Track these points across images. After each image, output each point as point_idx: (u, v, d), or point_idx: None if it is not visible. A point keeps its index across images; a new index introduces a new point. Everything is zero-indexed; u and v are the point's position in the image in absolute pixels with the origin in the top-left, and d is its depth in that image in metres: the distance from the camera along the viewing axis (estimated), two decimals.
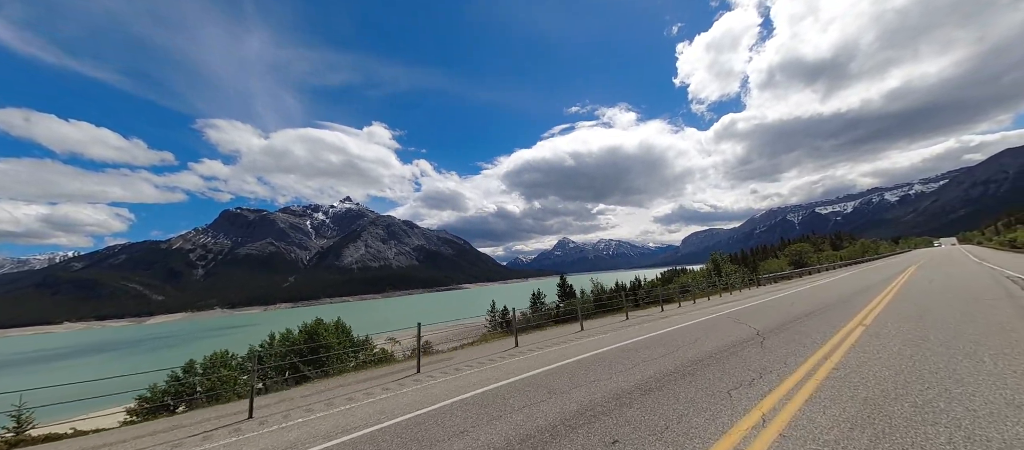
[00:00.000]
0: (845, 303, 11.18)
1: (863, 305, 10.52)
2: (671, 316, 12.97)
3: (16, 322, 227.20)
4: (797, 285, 21.48)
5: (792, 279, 28.05)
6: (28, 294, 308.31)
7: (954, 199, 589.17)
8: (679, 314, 13.37)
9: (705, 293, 21.14)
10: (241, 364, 9.95)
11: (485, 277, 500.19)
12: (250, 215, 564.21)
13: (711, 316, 11.18)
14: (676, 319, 11.83)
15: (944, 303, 9.87)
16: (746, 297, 17.64)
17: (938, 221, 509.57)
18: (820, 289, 16.93)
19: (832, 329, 7.69)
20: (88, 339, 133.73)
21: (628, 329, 10.77)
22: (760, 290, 21.41)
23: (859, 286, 16.29)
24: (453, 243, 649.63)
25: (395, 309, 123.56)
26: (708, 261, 27.70)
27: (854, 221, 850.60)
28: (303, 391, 8.15)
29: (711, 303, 16.28)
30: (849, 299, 11.94)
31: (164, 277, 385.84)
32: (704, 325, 9.82)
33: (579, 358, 7.37)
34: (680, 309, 15.90)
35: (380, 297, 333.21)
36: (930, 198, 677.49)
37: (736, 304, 14.28)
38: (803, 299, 13.23)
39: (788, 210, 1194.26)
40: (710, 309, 13.67)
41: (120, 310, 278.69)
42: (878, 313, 9.14)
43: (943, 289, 12.66)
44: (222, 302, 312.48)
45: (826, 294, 14.12)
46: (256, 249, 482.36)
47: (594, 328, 12.05)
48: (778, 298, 14.54)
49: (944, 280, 15.56)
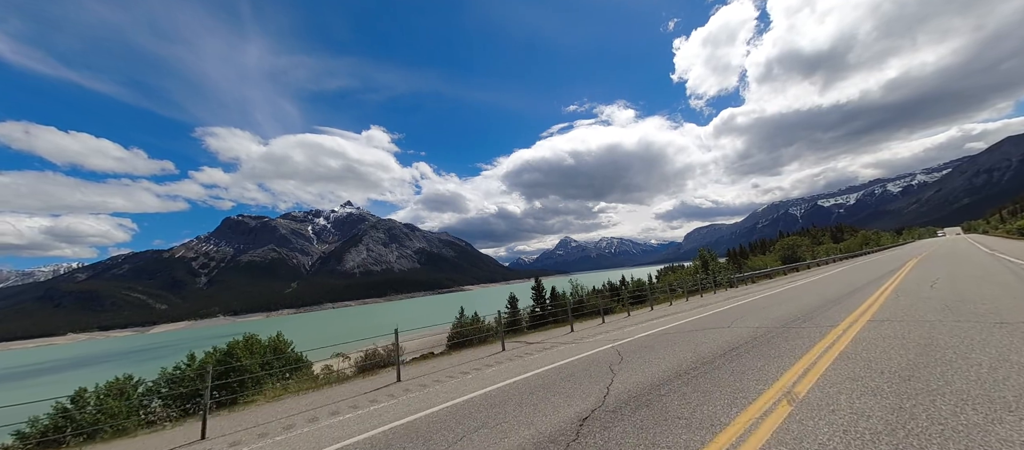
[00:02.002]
0: (803, 324, 7.98)
1: (822, 334, 6.85)
2: (585, 338, 10.29)
3: (19, 335, 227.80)
4: (771, 287, 18.89)
5: (774, 278, 25.66)
6: (31, 307, 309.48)
7: (957, 188, 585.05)
8: (597, 334, 10.78)
9: (667, 297, 19.06)
10: (152, 389, 8.96)
11: (487, 278, 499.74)
12: (251, 222, 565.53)
13: (604, 348, 8.22)
14: (572, 348, 8.92)
15: (953, 326, 6.36)
16: (703, 304, 15.07)
17: (942, 211, 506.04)
18: (791, 294, 14.08)
19: (735, 404, 4.04)
20: (84, 351, 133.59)
21: (518, 361, 8.38)
22: (728, 294, 18.89)
23: (841, 290, 13.42)
24: (454, 245, 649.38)
25: (387, 314, 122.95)
26: (696, 258, 26.71)
27: (857, 213, 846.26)
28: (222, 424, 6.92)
29: (655, 315, 13.74)
30: (812, 315, 8.84)
31: (167, 286, 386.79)
32: (573, 367, 6.94)
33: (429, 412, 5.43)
34: (626, 319, 13.84)
35: (382, 301, 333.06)
36: (933, 188, 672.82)
37: (670, 319, 11.70)
38: (755, 314, 10.23)
39: (790, 203, 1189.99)
40: (639, 325, 11.35)
41: (123, 320, 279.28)
42: (837, 355, 5.43)
43: (950, 296, 9.35)
44: (225, 310, 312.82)
45: (791, 305, 11.13)
46: (258, 256, 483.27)
47: (517, 351, 10.28)
48: (726, 310, 11.92)
49: (949, 282, 12.02)
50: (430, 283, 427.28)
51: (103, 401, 7.74)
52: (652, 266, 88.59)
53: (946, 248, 35.63)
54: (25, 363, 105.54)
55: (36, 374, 67.33)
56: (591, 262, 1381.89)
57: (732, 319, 9.82)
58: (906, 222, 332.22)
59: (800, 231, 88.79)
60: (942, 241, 63.18)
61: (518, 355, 9.12)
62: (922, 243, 66.43)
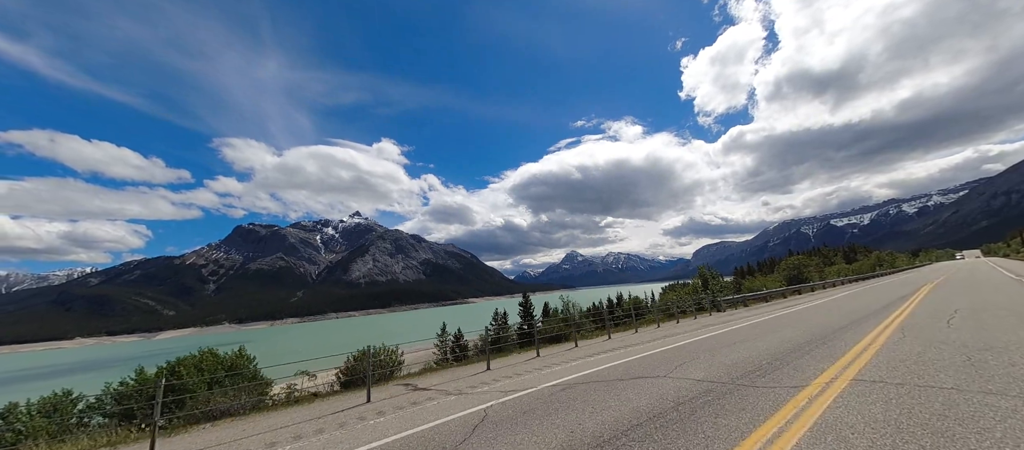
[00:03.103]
0: (760, 377, 6.01)
1: (778, 406, 4.71)
2: (514, 376, 8.70)
3: (29, 338, 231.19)
4: (761, 312, 17.08)
5: (771, 301, 23.54)
6: (43, 310, 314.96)
7: (975, 210, 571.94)
8: (542, 368, 9.27)
9: (640, 322, 16.98)
10: (94, 406, 8.45)
11: (492, 291, 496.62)
12: (262, 230, 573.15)
13: (478, 408, 6.21)
14: (458, 401, 6.90)
15: (981, 401, 4.27)
16: (672, 333, 13.18)
17: (959, 233, 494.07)
18: (775, 324, 12.04)
19: None
20: (88, 356, 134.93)
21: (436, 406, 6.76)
22: (710, 319, 16.71)
23: (837, 320, 11.53)
24: (460, 257, 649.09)
25: (385, 325, 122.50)
26: (696, 276, 26.25)
27: (871, 233, 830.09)
28: None
29: (611, 345, 11.90)
30: (781, 363, 6.79)
31: (176, 292, 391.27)
32: None
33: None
34: (586, 347, 12.28)
35: (386, 312, 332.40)
36: (949, 209, 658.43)
37: (617, 354, 9.99)
38: (712, 355, 8.17)
39: (802, 222, 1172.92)
40: (582, 360, 9.68)
41: (131, 326, 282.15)
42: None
43: (973, 340, 7.18)
44: (231, 317, 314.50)
45: (765, 342, 9.14)
46: (267, 264, 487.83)
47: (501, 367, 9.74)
48: (682, 346, 9.98)
49: (971, 317, 9.86)
50: (435, 295, 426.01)
51: (32, 419, 7.24)
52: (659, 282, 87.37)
53: (965, 272, 34.00)
54: (27, 367, 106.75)
55: (31, 379, 67.91)
56: (597, 277, 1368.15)
57: (678, 362, 7.74)
58: (922, 244, 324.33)
59: (811, 250, 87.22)
60: (960, 264, 61.23)
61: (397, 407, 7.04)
62: (939, 266, 64.35)
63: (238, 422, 7.49)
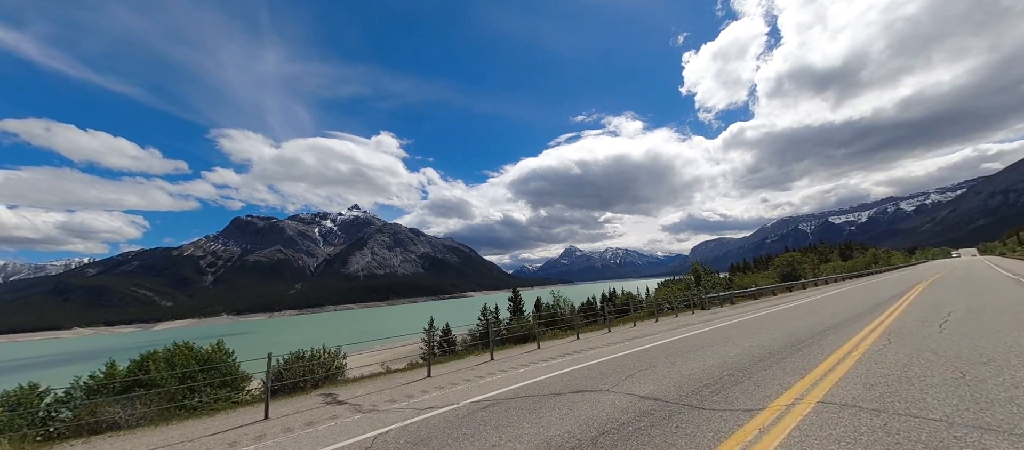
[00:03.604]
0: (714, 397, 5.07)
1: (729, 432, 3.91)
2: (450, 385, 7.69)
3: (27, 327, 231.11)
4: (746, 311, 16.08)
5: (759, 299, 22.43)
6: (41, 300, 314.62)
7: (972, 209, 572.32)
8: (494, 373, 8.48)
9: (617, 321, 15.98)
10: (63, 400, 7.95)
11: (490, 285, 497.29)
12: (260, 223, 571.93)
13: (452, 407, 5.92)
14: (359, 422, 5.91)
15: (978, 442, 3.32)
16: (646, 333, 12.22)
17: (956, 231, 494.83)
18: (755, 326, 11.14)
19: None
20: (86, 346, 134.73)
21: None
22: (691, 318, 15.64)
23: (821, 322, 10.62)
24: (459, 251, 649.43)
25: (382, 318, 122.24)
26: (688, 272, 25.52)
27: (869, 231, 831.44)
28: None
29: (587, 345, 10.89)
30: (744, 375, 5.90)
31: (174, 283, 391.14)
32: None
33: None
34: (535, 352, 10.94)
35: (384, 305, 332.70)
36: (947, 208, 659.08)
37: (578, 357, 9.05)
38: (672, 363, 7.24)
39: (800, 219, 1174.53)
40: (535, 366, 8.65)
41: (129, 316, 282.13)
42: None
43: (967, 350, 6.25)
44: (229, 309, 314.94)
45: (737, 346, 8.22)
46: (265, 256, 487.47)
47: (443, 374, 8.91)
48: (642, 350, 8.99)
49: (967, 320, 8.99)
50: (433, 288, 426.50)
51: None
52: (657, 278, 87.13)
53: (961, 271, 33.34)
54: (26, 356, 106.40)
55: (27, 368, 67.46)
56: (595, 272, 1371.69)
57: (631, 371, 6.83)
58: (919, 242, 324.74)
59: (807, 247, 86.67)
60: (956, 262, 60.74)
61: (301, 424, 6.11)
62: (935, 264, 63.98)
63: (111, 439, 6.39)
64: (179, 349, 9.65)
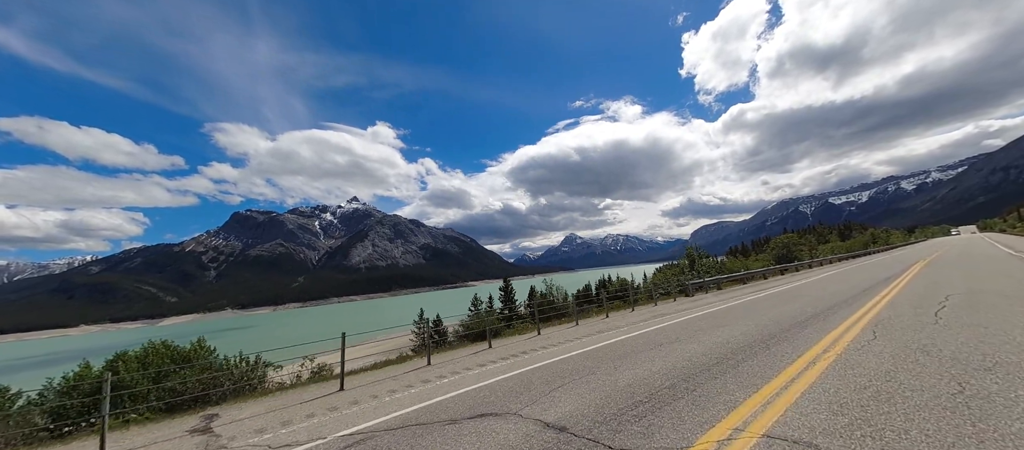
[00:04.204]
0: (657, 414, 4.16)
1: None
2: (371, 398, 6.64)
3: (34, 326, 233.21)
4: (728, 298, 15.02)
5: (748, 283, 21.26)
6: (46, 298, 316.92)
7: (973, 186, 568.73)
8: (468, 368, 7.99)
9: (587, 313, 15.25)
10: (35, 402, 7.70)
11: (491, 275, 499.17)
12: (259, 217, 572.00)
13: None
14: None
15: None
16: (620, 325, 11.15)
17: (957, 209, 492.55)
18: (729, 316, 10.12)
19: None
20: (93, 343, 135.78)
21: None
22: (668, 307, 14.40)
23: (802, 309, 9.61)
24: (459, 241, 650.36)
25: (386, 310, 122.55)
26: (683, 257, 24.76)
27: (869, 211, 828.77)
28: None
29: (546, 342, 9.90)
30: (686, 388, 4.82)
31: (177, 279, 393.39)
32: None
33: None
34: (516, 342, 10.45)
35: (387, 296, 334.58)
36: (948, 185, 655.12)
37: (519, 360, 8.00)
38: (610, 368, 6.19)
39: (800, 201, 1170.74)
40: (487, 367, 7.87)
41: (134, 312, 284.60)
42: None
43: (968, 346, 5.19)
44: (233, 303, 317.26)
45: (701, 342, 7.21)
46: (266, 250, 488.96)
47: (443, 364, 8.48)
48: (589, 351, 7.91)
49: (967, 304, 8.05)
50: (435, 279, 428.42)
51: None
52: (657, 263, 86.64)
53: (960, 248, 32.17)
54: (34, 354, 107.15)
55: (40, 366, 67.58)
56: (596, 259, 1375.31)
57: (558, 383, 5.69)
58: (920, 220, 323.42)
59: (806, 229, 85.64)
60: (956, 240, 59.74)
61: None
62: (934, 242, 63.04)
63: None
64: (153, 348, 9.22)
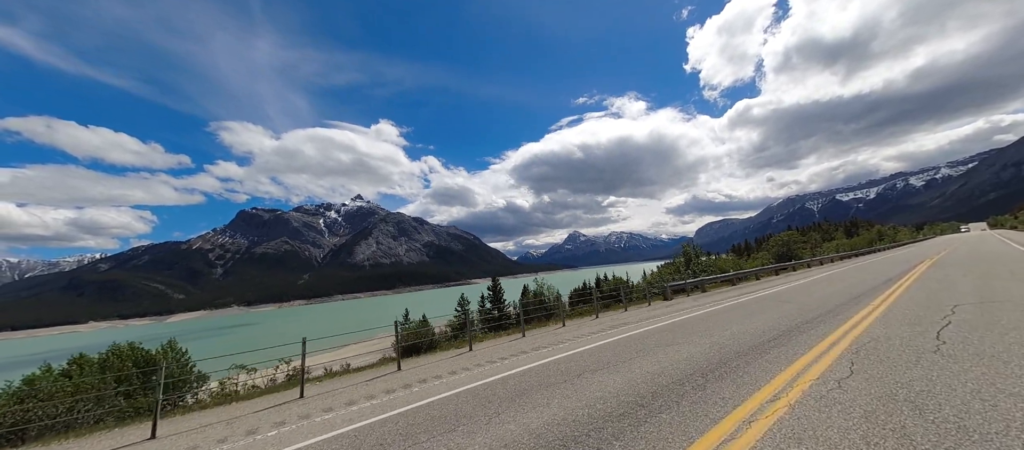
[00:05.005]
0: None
1: None
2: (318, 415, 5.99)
3: (44, 323, 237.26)
4: (707, 302, 13.76)
5: (737, 284, 19.68)
6: (56, 295, 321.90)
7: (984, 182, 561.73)
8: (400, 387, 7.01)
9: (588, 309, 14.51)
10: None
11: (495, 272, 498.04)
12: (265, 215, 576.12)
13: None
14: None
15: None
16: (575, 336, 9.77)
17: (967, 205, 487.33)
18: (694, 326, 8.86)
19: None
20: (102, 339, 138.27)
21: None
22: (643, 312, 13.29)
23: (780, 320, 8.32)
24: (463, 239, 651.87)
25: (389, 307, 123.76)
26: (680, 255, 25.57)
27: (877, 207, 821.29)
28: None
29: (481, 359, 8.55)
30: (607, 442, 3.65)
31: (185, 277, 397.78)
32: None
33: None
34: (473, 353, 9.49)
35: (391, 293, 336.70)
36: (958, 182, 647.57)
37: (460, 378, 7.06)
38: (547, 393, 5.40)
39: (807, 198, 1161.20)
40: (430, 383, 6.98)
41: (142, 309, 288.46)
42: None
43: (980, 383, 3.90)
44: (239, 300, 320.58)
45: (646, 366, 5.99)
46: (272, 248, 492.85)
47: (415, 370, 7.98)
48: (545, 364, 7.10)
49: (980, 316, 6.79)
50: (438, 276, 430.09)
51: None
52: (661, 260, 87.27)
53: (970, 246, 30.62)
54: (46, 350, 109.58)
55: (33, 363, 69.58)
56: (599, 257, 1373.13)
57: (450, 424, 4.66)
58: (929, 217, 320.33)
59: (810, 226, 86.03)
60: (966, 237, 58.98)
61: None
62: (943, 240, 61.08)
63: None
64: (115, 352, 8.93)
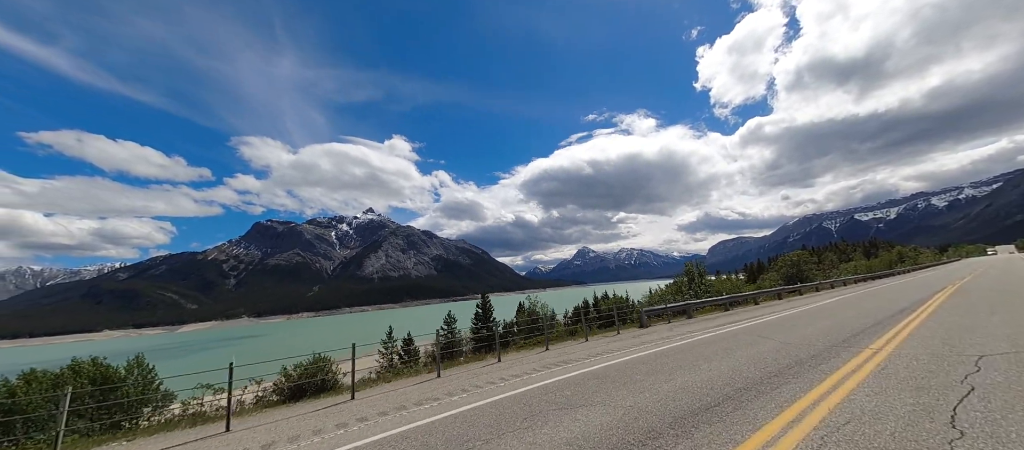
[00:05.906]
0: None
1: None
2: None
3: (62, 330, 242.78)
4: (697, 329, 12.42)
5: (731, 309, 18.04)
6: (76, 304, 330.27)
7: (1010, 203, 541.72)
8: None
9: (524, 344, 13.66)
10: None
11: (503, 287, 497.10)
12: (279, 227, 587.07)
13: None
14: None
15: None
16: (534, 370, 8.63)
17: (992, 227, 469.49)
18: (649, 369, 7.26)
19: None
20: (114, 347, 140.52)
21: None
22: (613, 342, 11.62)
23: (764, 368, 6.40)
24: (471, 253, 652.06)
25: (387, 321, 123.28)
26: (682, 273, 24.54)
27: (898, 228, 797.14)
28: None
29: (428, 394, 7.55)
30: None
31: (199, 287, 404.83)
32: None
33: None
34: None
35: (398, 307, 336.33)
36: (982, 202, 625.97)
37: (391, 419, 6.06)
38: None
39: (825, 217, 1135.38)
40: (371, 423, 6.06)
41: (156, 319, 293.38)
42: None
43: None
44: (250, 311, 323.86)
45: (571, 427, 4.67)
46: (284, 259, 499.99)
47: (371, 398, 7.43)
48: (475, 409, 6.00)
49: (1020, 374, 4.93)
50: (446, 290, 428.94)
51: None
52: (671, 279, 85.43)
53: (998, 271, 28.32)
54: (59, 358, 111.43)
55: None
56: (609, 273, 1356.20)
57: None
58: (953, 239, 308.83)
59: (826, 246, 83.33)
60: (992, 260, 56.13)
61: None
62: (968, 263, 57.66)
63: None
64: (74, 368, 8.45)
